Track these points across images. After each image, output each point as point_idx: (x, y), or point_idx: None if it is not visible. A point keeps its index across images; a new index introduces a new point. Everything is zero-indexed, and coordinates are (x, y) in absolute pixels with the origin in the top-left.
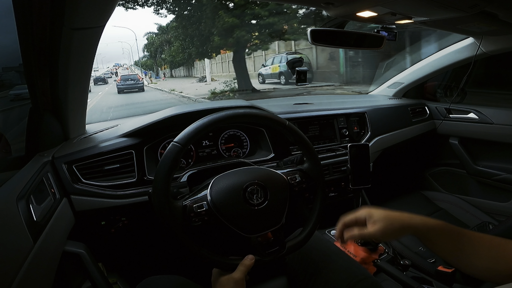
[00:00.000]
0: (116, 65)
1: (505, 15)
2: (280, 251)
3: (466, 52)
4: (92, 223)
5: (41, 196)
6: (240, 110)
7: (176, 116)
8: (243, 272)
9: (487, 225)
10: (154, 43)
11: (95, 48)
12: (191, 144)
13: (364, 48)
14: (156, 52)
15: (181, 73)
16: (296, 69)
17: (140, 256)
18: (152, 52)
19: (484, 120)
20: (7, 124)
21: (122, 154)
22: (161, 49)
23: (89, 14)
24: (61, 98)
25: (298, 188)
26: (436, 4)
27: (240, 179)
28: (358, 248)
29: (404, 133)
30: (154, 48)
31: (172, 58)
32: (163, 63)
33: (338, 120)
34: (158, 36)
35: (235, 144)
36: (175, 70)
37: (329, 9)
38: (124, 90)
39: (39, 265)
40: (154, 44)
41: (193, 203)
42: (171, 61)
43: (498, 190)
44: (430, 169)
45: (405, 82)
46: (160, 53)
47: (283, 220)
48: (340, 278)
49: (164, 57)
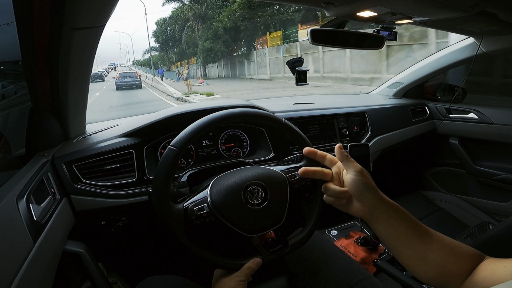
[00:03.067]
0: (112, 64)
1: (505, 15)
2: (283, 250)
3: (466, 52)
4: (92, 223)
5: (41, 196)
6: (236, 109)
7: (176, 116)
8: (247, 275)
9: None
10: (177, 20)
11: (95, 48)
12: (188, 146)
13: (364, 48)
14: (171, 41)
15: (216, 72)
16: (296, 69)
17: (140, 256)
18: (162, 41)
19: (484, 120)
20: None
21: (122, 154)
22: (188, 29)
23: (89, 14)
24: (61, 98)
25: (298, 186)
26: (436, 4)
27: (240, 179)
28: (358, 248)
29: (404, 133)
30: (173, 31)
31: (211, 44)
32: (186, 56)
33: (338, 120)
34: (187, 6)
35: (235, 144)
36: (207, 68)
37: (329, 9)
38: (122, 87)
39: (39, 265)
40: (177, 21)
41: (193, 205)
42: (209, 49)
43: (498, 190)
44: (430, 169)
45: (405, 82)
46: (186, 40)
47: (284, 218)
48: (340, 278)
49: (201, 43)
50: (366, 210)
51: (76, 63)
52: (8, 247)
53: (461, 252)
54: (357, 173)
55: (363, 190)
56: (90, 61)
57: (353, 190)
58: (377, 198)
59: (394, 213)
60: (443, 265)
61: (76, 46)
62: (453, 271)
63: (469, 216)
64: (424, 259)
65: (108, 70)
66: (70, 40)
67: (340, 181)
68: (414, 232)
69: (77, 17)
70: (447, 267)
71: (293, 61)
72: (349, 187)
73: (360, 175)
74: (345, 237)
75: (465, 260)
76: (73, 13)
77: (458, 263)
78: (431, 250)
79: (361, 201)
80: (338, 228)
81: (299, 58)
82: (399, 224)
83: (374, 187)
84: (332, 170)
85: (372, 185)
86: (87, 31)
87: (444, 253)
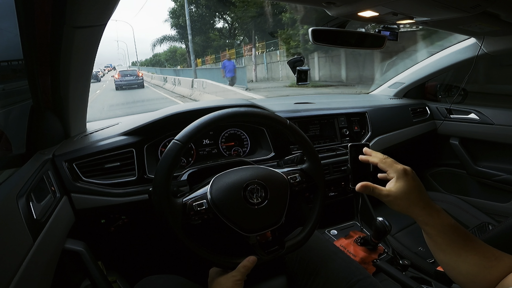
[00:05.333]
0: (109, 66)
1: (507, 15)
2: (279, 251)
3: (468, 53)
4: (92, 221)
5: (41, 194)
6: (242, 108)
7: (177, 115)
8: (243, 274)
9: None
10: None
11: (97, 47)
12: (192, 142)
13: (365, 48)
14: (199, 23)
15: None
16: (297, 69)
17: (140, 255)
18: (183, 25)
19: (485, 120)
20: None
21: (123, 152)
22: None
23: (90, 12)
24: (62, 96)
25: (298, 188)
26: (438, 5)
27: (241, 178)
28: (358, 248)
29: (404, 133)
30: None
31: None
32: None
33: (339, 120)
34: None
35: (236, 143)
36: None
37: (330, 8)
38: (122, 87)
39: (38, 263)
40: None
41: (193, 201)
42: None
43: (498, 190)
44: (430, 169)
45: (406, 82)
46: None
47: (282, 219)
48: (339, 277)
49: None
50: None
51: (77, 62)
52: (8, 245)
53: (499, 265)
54: (399, 188)
55: (407, 209)
56: (91, 60)
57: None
58: (419, 212)
59: (432, 222)
60: (475, 275)
61: (77, 44)
62: (486, 278)
63: (469, 216)
64: (456, 268)
65: (103, 71)
66: (72, 39)
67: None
68: (449, 243)
69: (79, 16)
70: (479, 276)
71: (293, 60)
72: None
73: (403, 192)
74: (344, 237)
75: (501, 271)
76: (74, 11)
77: (493, 274)
78: (464, 262)
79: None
80: (338, 228)
81: (299, 57)
82: (436, 235)
83: (417, 202)
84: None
85: (414, 200)
86: (89, 29)
87: (478, 267)
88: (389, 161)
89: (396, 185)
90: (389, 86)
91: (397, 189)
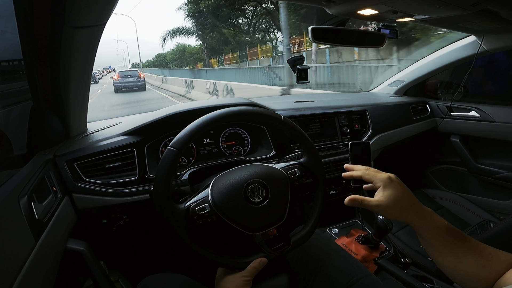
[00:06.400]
0: (107, 67)
1: (506, 13)
2: (286, 247)
3: (468, 50)
4: (94, 221)
5: (43, 195)
6: (234, 108)
7: (177, 114)
8: (253, 274)
9: (488, 223)
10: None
11: (96, 47)
12: (187, 146)
13: (365, 46)
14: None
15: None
16: (297, 67)
17: (142, 254)
18: (202, 14)
19: (486, 118)
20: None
21: (124, 152)
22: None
23: (90, 12)
24: (62, 96)
25: (298, 183)
26: (437, 2)
27: (240, 178)
28: (359, 246)
29: (405, 131)
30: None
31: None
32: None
33: (339, 118)
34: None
35: (236, 142)
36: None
37: (330, 7)
38: (122, 89)
39: (41, 263)
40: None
41: (195, 205)
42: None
43: (499, 188)
44: (431, 167)
45: (407, 80)
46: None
47: (285, 215)
48: (340, 276)
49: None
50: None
51: (77, 62)
52: (10, 246)
53: (497, 263)
54: (386, 200)
55: (401, 216)
56: (91, 60)
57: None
58: (412, 217)
59: (427, 226)
60: (474, 274)
61: (77, 44)
62: (485, 277)
63: (470, 214)
64: (455, 269)
65: (101, 73)
66: (71, 39)
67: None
68: (446, 246)
69: (78, 16)
70: (478, 275)
71: (294, 59)
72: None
73: (390, 202)
74: (346, 235)
75: (499, 268)
76: (74, 11)
77: (491, 272)
78: (462, 262)
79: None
80: (339, 226)
81: (300, 56)
82: (432, 238)
83: (406, 209)
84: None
85: (404, 207)
86: (88, 29)
87: (476, 266)
88: (371, 171)
89: (384, 193)
90: (389, 84)
91: (386, 197)
